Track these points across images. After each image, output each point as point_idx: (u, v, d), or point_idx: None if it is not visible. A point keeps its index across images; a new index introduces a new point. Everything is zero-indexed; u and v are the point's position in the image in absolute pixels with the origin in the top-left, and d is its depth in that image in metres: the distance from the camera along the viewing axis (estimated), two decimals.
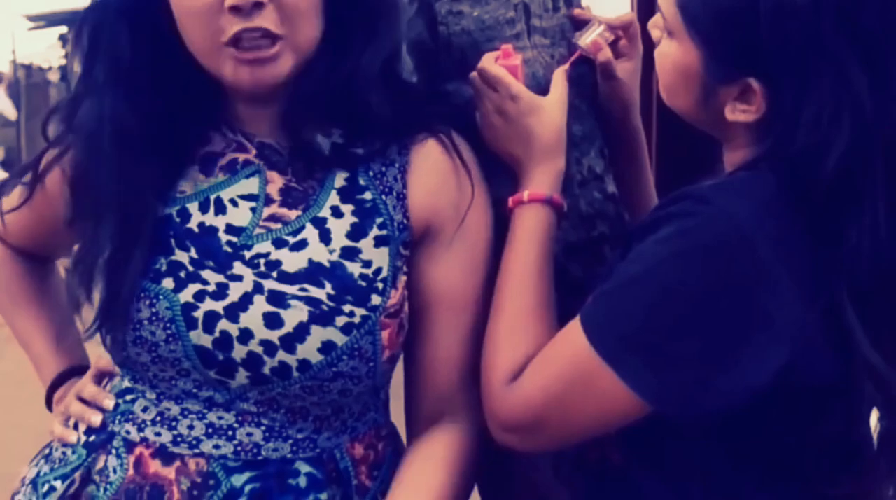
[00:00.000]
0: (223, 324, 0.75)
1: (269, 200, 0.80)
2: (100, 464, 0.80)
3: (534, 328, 0.81)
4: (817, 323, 0.68)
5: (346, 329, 0.76)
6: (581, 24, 0.95)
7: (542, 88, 0.89)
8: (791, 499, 0.74)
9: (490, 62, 0.86)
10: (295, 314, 0.75)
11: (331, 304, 0.75)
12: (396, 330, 0.80)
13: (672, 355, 0.68)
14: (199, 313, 0.75)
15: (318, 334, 0.75)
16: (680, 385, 0.69)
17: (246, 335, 0.75)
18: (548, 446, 0.80)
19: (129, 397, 0.81)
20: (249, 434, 0.78)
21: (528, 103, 0.86)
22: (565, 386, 0.73)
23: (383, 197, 0.81)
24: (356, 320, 0.76)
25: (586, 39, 0.92)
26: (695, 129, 0.82)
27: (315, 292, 0.76)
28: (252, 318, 0.75)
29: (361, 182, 0.81)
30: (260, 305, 0.75)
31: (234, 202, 0.80)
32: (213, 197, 0.81)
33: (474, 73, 0.88)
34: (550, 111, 0.86)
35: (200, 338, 0.75)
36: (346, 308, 0.76)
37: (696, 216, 0.68)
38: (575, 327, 0.74)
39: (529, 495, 0.91)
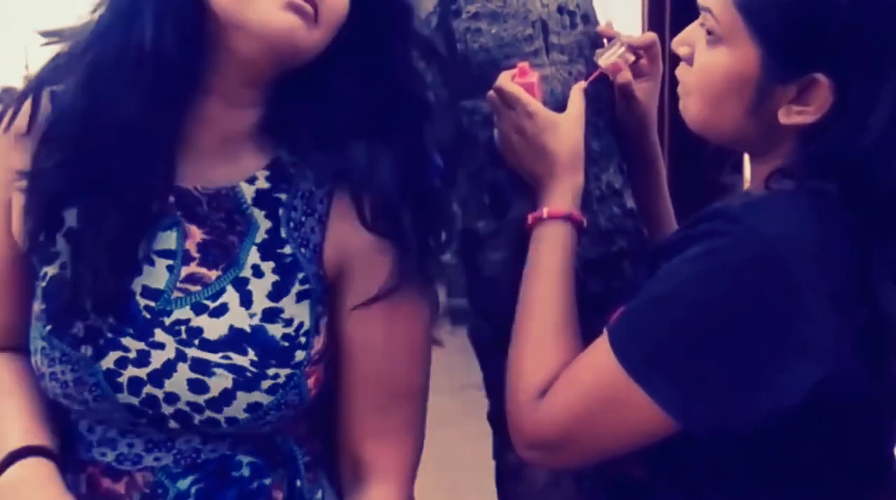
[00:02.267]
0: (148, 388, 0.75)
1: (187, 258, 0.77)
2: None
3: (558, 345, 0.81)
4: (851, 339, 0.67)
5: (271, 390, 0.76)
6: (602, 40, 0.96)
7: (560, 105, 0.90)
8: None
9: (507, 80, 0.87)
10: (220, 381, 0.74)
11: (254, 370, 0.75)
12: (323, 370, 0.80)
13: (701, 375, 0.68)
14: (122, 379, 0.75)
15: (243, 398, 0.75)
16: (709, 404, 0.69)
17: (172, 398, 0.75)
18: (573, 463, 0.81)
19: (73, 416, 0.80)
20: (188, 441, 0.78)
21: (544, 120, 0.86)
22: (593, 404, 0.73)
23: (302, 250, 0.78)
24: (281, 380, 0.76)
25: (607, 60, 0.92)
26: (703, 147, 0.81)
27: (238, 359, 0.75)
28: (177, 384, 0.75)
29: (283, 234, 0.78)
30: (184, 372, 0.75)
31: (150, 260, 0.77)
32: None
33: (492, 92, 0.89)
34: (567, 128, 0.87)
35: (127, 398, 0.75)
36: (271, 371, 0.75)
37: (727, 236, 0.68)
38: (602, 344, 0.74)
39: None
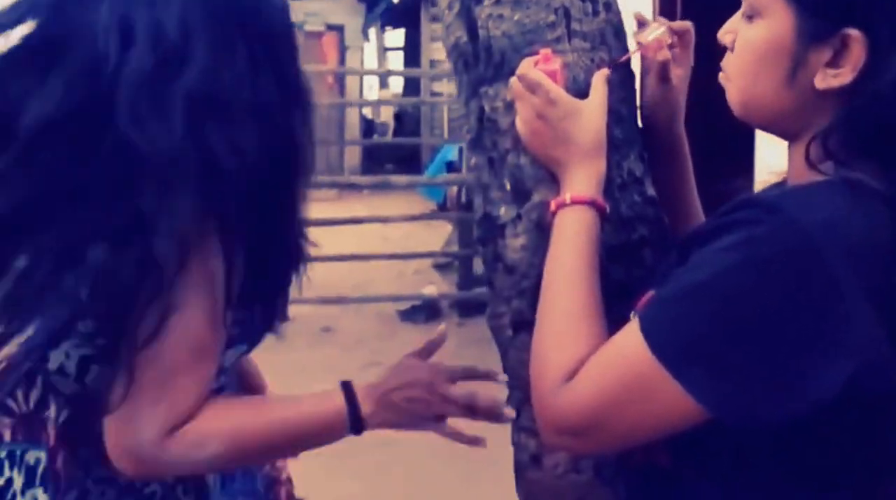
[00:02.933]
0: None
1: None
2: None
3: (584, 330, 0.81)
4: (887, 333, 0.66)
5: None
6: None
7: (582, 92, 0.90)
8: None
9: (529, 67, 0.87)
10: None
11: None
12: None
13: (735, 365, 0.67)
14: None
15: None
16: (742, 395, 0.68)
17: None
18: (600, 449, 0.81)
19: None
20: None
21: (566, 107, 0.86)
22: (622, 391, 0.73)
23: None
24: None
25: (647, 37, 0.93)
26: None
27: None
28: None
29: None
30: None
31: None
32: None
33: (514, 78, 0.89)
34: (590, 114, 0.87)
35: None
36: None
37: (765, 225, 0.67)
38: (632, 331, 0.73)
39: (571, 494, 0.91)
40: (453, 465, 2.03)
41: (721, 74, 0.82)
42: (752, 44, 0.76)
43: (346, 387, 0.93)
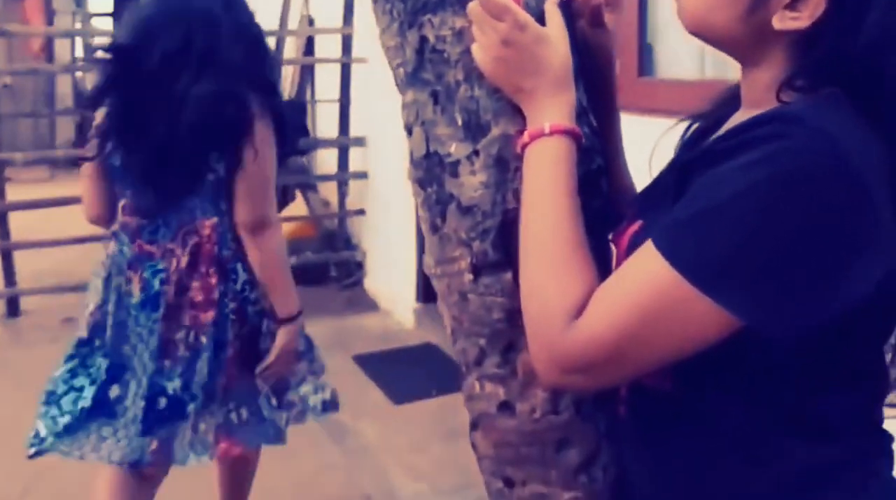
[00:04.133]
0: None
1: None
2: None
3: (581, 264, 0.78)
4: None
5: None
6: None
7: (537, 19, 0.86)
8: (861, 400, 0.78)
9: None
10: None
11: None
12: None
13: (773, 275, 0.68)
14: None
15: None
16: (780, 304, 0.68)
17: None
18: (613, 382, 0.78)
19: None
20: None
21: (536, 33, 0.82)
22: (645, 317, 0.71)
23: None
24: None
25: None
26: None
27: None
28: None
29: None
30: None
31: None
32: None
33: (474, 4, 0.83)
34: (556, 41, 0.83)
35: None
36: None
37: (791, 137, 0.67)
38: (649, 256, 0.71)
39: (551, 435, 0.88)
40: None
41: None
42: None
43: None
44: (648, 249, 0.72)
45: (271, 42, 4.62)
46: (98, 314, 1.87)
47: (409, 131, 0.93)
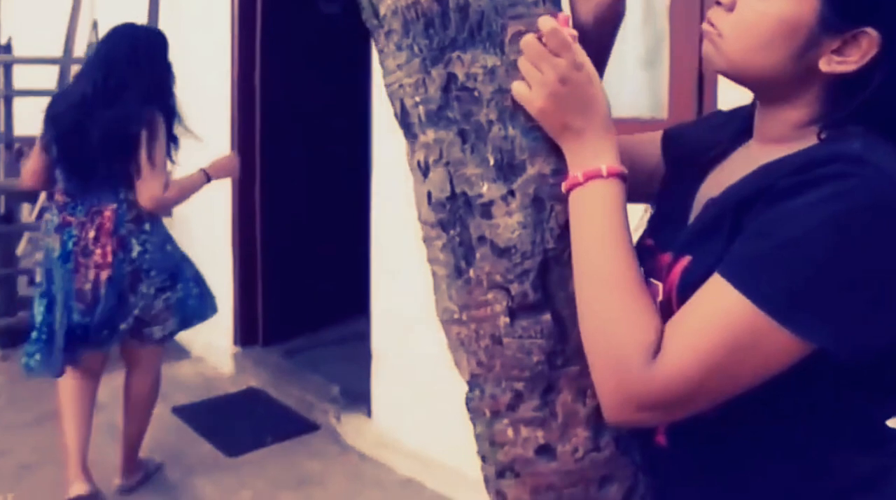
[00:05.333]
0: None
1: None
2: None
3: (649, 302, 0.79)
4: None
5: None
6: None
7: None
8: None
9: (557, 25, 0.81)
10: None
11: None
12: None
13: (847, 306, 0.72)
14: None
15: None
16: (856, 331, 0.73)
17: None
18: (684, 415, 0.79)
19: None
20: None
21: (589, 72, 0.82)
22: (727, 351, 0.73)
23: None
24: None
25: None
26: None
27: None
28: None
29: None
30: None
31: None
32: None
33: (531, 38, 0.82)
34: (599, 81, 0.84)
35: None
36: None
37: (855, 177, 0.72)
38: (722, 291, 0.73)
39: (594, 473, 0.87)
40: None
41: (707, 28, 0.85)
42: (767, 16, 0.80)
43: None
44: (719, 283, 0.75)
45: (55, 71, 4.24)
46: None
47: (425, 172, 0.89)
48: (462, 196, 0.87)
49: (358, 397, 3.42)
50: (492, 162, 0.86)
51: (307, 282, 4.24)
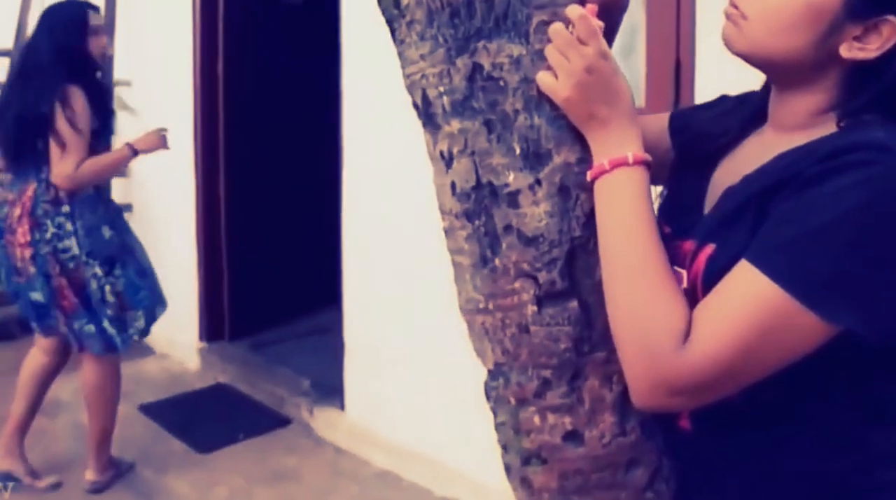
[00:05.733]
0: None
1: None
2: None
3: (677, 288, 0.80)
4: None
5: None
6: None
7: None
8: None
9: (585, 14, 0.81)
10: None
11: None
12: None
13: (873, 290, 0.74)
14: None
15: None
16: (882, 312, 0.75)
17: None
18: (713, 399, 0.80)
19: None
20: None
21: (614, 62, 0.83)
22: (756, 335, 0.75)
23: None
24: None
25: None
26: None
27: None
28: None
29: None
30: None
31: None
32: None
33: (559, 26, 0.82)
34: (622, 71, 0.85)
35: None
36: None
37: (880, 164, 0.74)
38: (751, 277, 0.75)
39: (620, 457, 0.89)
40: None
41: (730, 10, 0.86)
42: (793, 1, 0.82)
43: None
44: (747, 269, 0.76)
45: (5, 62, 4.12)
46: None
47: (449, 162, 0.89)
48: (488, 186, 0.87)
49: (330, 390, 3.40)
50: (518, 151, 0.86)
51: (274, 274, 4.21)
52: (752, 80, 1.07)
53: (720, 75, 2.02)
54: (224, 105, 3.99)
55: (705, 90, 2.07)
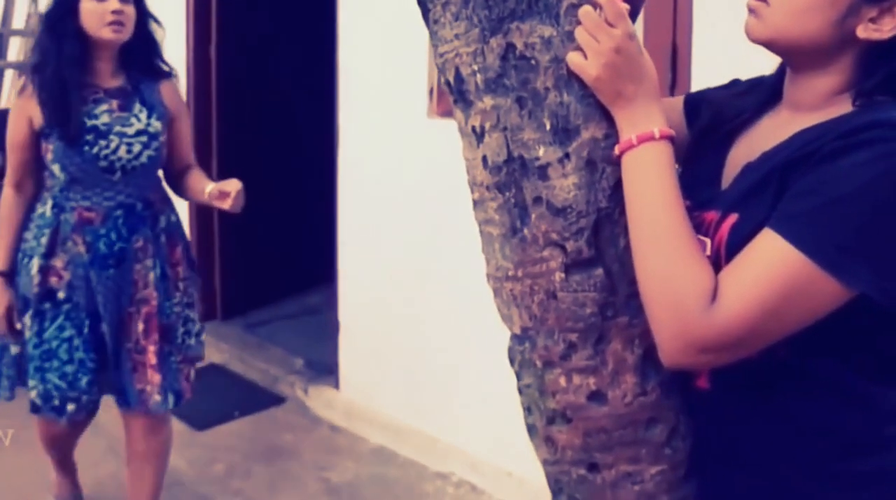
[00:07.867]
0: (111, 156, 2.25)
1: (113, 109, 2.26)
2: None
3: (702, 253, 0.86)
4: None
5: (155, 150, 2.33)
6: None
7: None
8: None
9: None
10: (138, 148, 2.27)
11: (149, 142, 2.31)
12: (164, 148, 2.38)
13: (889, 257, 0.80)
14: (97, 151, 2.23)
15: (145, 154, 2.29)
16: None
17: (119, 160, 2.24)
18: (739, 357, 0.86)
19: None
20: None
21: (639, 43, 0.88)
22: (779, 298, 0.81)
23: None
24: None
25: None
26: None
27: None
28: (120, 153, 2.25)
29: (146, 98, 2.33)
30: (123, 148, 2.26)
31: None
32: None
33: (588, 7, 0.87)
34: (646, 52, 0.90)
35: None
36: (153, 144, 2.30)
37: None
38: (776, 245, 0.81)
39: (641, 415, 0.95)
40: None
41: (753, 3, 0.91)
42: None
43: None
44: (771, 236, 0.82)
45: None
46: None
47: (480, 137, 0.94)
48: (518, 159, 0.92)
49: (325, 368, 3.45)
50: (548, 127, 0.91)
51: (266, 254, 4.24)
52: (747, 64, 1.13)
53: (716, 60, 2.08)
54: (217, 86, 4.00)
55: (701, 75, 2.13)
